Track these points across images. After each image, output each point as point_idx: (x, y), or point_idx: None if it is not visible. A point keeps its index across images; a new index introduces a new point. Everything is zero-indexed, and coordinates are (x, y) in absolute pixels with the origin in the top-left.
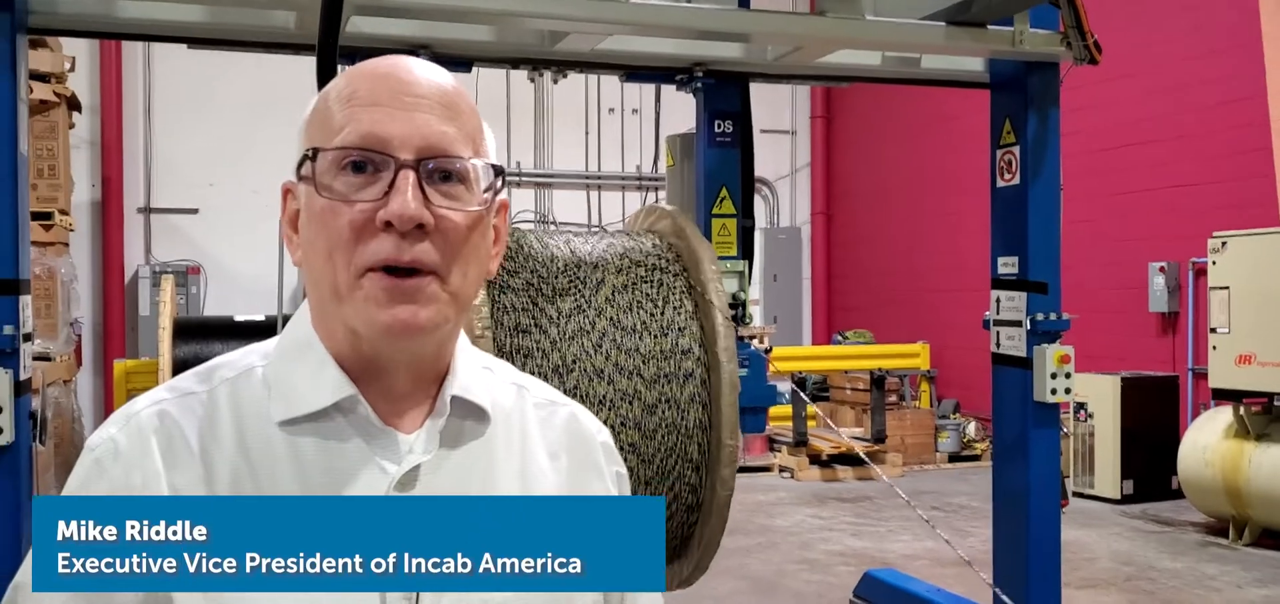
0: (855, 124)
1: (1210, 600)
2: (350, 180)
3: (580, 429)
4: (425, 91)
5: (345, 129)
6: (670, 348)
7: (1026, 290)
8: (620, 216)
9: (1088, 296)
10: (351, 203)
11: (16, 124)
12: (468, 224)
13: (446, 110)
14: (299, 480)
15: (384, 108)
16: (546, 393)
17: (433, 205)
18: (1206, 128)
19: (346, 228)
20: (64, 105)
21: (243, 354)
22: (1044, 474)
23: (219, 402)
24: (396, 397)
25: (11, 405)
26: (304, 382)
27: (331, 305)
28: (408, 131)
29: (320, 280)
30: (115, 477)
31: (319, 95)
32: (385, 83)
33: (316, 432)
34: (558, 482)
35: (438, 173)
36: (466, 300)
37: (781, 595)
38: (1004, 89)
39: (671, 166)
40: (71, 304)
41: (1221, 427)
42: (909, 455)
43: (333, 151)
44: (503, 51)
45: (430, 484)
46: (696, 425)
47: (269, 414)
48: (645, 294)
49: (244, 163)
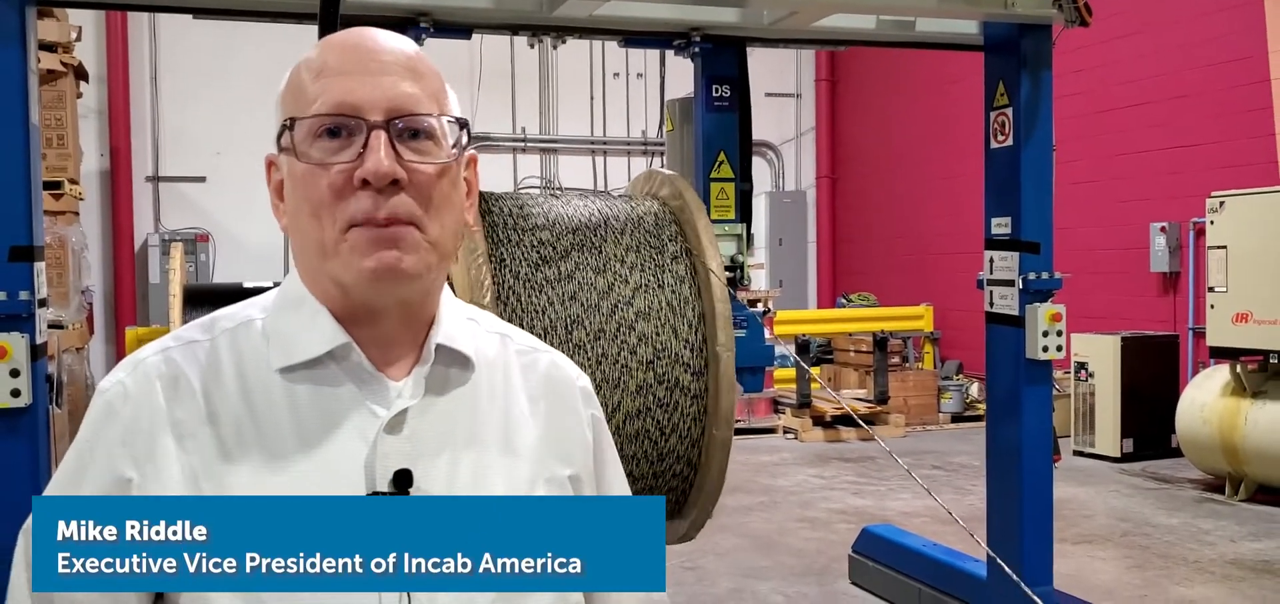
0: (860, 87)
1: (1203, 555)
2: (326, 145)
3: (560, 374)
4: (390, 57)
5: (319, 99)
6: (668, 309)
7: (1019, 250)
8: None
9: (1089, 257)
10: (329, 166)
11: (27, 94)
12: (438, 174)
13: (410, 73)
14: (295, 423)
15: (353, 75)
16: (528, 341)
17: (404, 161)
18: (1208, 87)
19: (327, 190)
20: (71, 75)
21: (242, 307)
22: (1036, 431)
23: (220, 349)
24: (386, 345)
25: (28, 369)
26: (300, 331)
27: (318, 263)
28: (376, 95)
29: (306, 242)
30: (125, 417)
31: (292, 70)
32: (353, 53)
33: (312, 378)
34: (538, 425)
35: (407, 131)
36: (446, 249)
37: (781, 552)
38: (997, 51)
39: (671, 131)
40: (82, 273)
41: (1219, 385)
42: (912, 416)
43: (308, 120)
44: (502, 18)
45: (418, 426)
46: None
47: (268, 362)
48: (644, 257)
49: (251, 131)
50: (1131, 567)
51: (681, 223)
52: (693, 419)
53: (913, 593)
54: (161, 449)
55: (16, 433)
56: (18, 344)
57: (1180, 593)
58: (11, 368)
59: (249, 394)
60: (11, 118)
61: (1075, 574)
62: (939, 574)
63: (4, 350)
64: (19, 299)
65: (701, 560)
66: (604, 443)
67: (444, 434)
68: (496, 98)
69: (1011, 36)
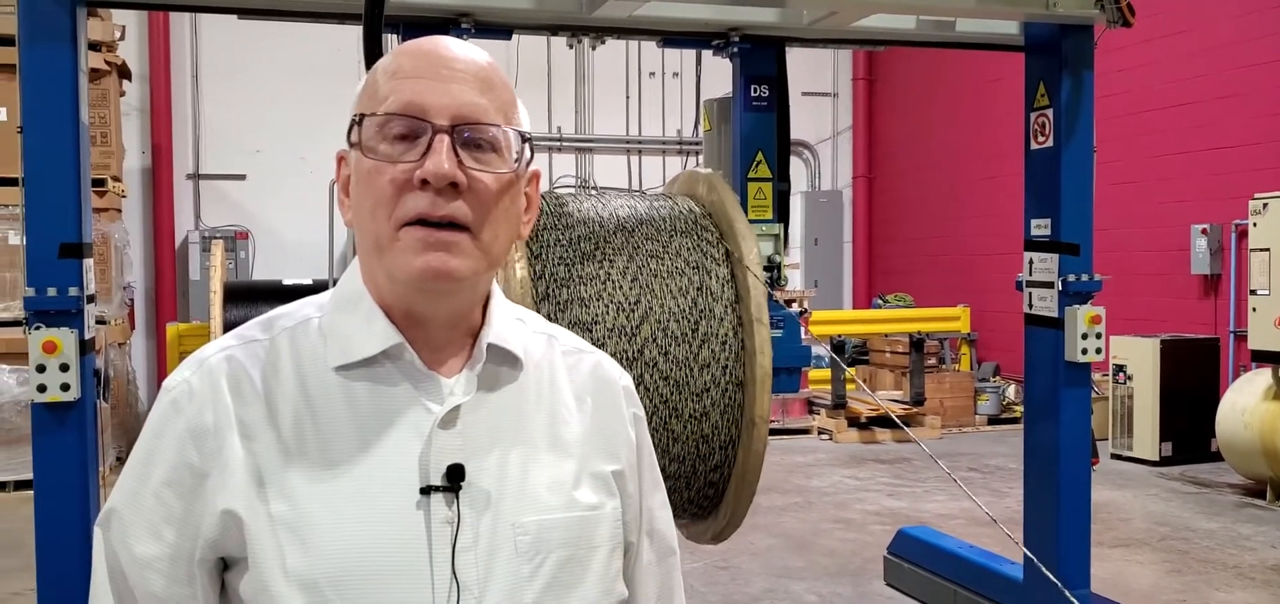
0: (897, 86)
1: (1244, 560)
2: (393, 144)
3: (604, 374)
4: (462, 66)
5: (389, 98)
6: (705, 309)
7: (1058, 252)
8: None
9: (1129, 259)
10: (393, 163)
11: (78, 93)
12: (498, 186)
13: (481, 83)
14: (353, 419)
15: (424, 80)
16: (573, 341)
17: (465, 167)
18: (1251, 88)
19: (388, 185)
20: (115, 74)
21: (299, 306)
22: (1075, 433)
23: (280, 348)
24: (438, 345)
25: (77, 363)
26: (356, 331)
27: (375, 257)
28: (444, 101)
29: (365, 235)
30: (190, 414)
31: (370, 71)
32: (426, 58)
33: (368, 376)
34: (583, 422)
35: (471, 139)
36: (497, 258)
37: (815, 552)
38: (1038, 52)
39: (709, 131)
40: (124, 269)
41: (1260, 388)
42: (948, 418)
43: (377, 117)
44: (542, 18)
45: (469, 423)
46: (730, 385)
47: (325, 360)
48: (682, 257)
49: (290, 129)
50: (1170, 571)
51: (720, 223)
52: (729, 418)
53: (948, 595)
54: (229, 447)
55: (66, 426)
56: (67, 339)
57: (1220, 598)
58: (62, 362)
59: (308, 391)
60: (62, 116)
61: (1113, 578)
62: (975, 576)
63: (54, 345)
64: (68, 295)
65: (735, 560)
66: (645, 441)
67: (494, 430)
68: (533, 97)
69: (1053, 37)
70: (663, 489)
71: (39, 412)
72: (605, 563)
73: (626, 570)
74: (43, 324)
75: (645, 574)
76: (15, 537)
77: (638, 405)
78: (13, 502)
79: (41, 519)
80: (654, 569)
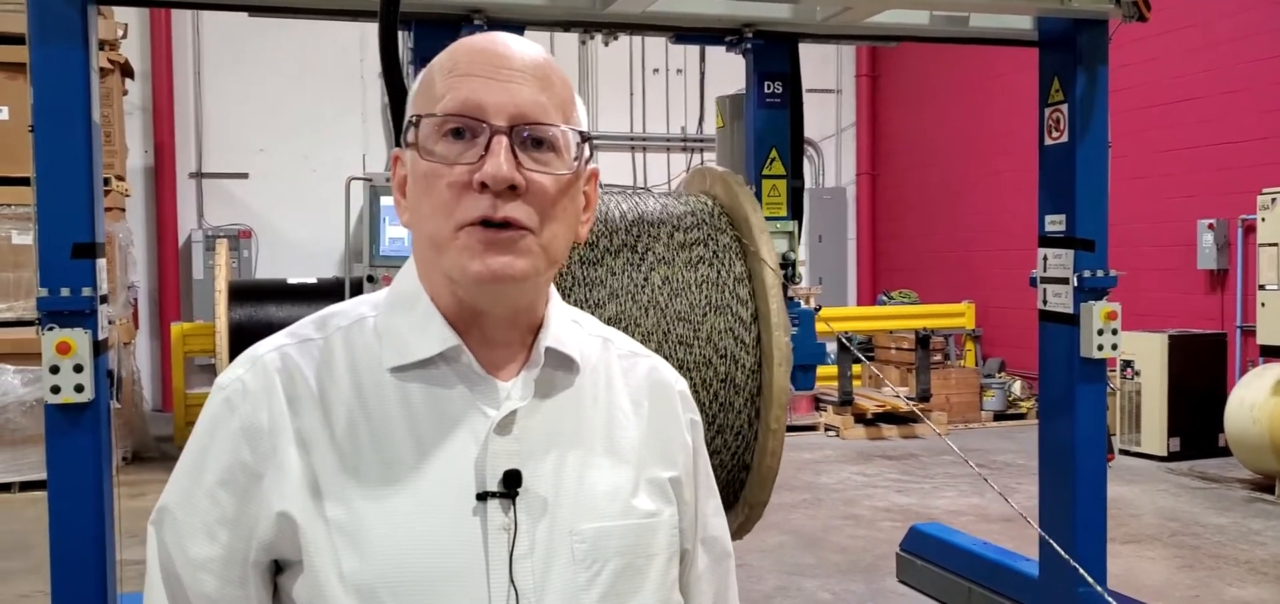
0: (900, 83)
1: (1255, 555)
2: (450, 145)
3: (660, 378)
4: (520, 64)
5: (446, 98)
6: (722, 307)
7: (1074, 248)
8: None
9: (1136, 254)
10: (451, 165)
11: (89, 93)
12: (557, 187)
13: (539, 81)
14: (408, 422)
15: (481, 79)
16: (629, 345)
17: (524, 168)
18: (1257, 83)
19: (446, 188)
20: (117, 72)
21: (354, 305)
22: (1090, 429)
23: (334, 348)
24: (495, 347)
25: (91, 364)
26: (412, 332)
27: (433, 258)
28: (502, 100)
29: (423, 236)
30: (244, 413)
31: (425, 68)
32: (483, 56)
33: (424, 378)
34: (639, 428)
35: (530, 139)
36: (556, 258)
37: (826, 549)
38: (1052, 47)
39: (721, 128)
40: (128, 268)
41: (1269, 383)
42: (954, 414)
43: (434, 118)
44: (554, 14)
45: (526, 427)
46: (747, 382)
47: (380, 361)
48: (697, 255)
49: (293, 127)
50: (1182, 567)
51: (735, 220)
52: (746, 415)
53: (962, 592)
54: (283, 448)
55: (80, 427)
56: (81, 340)
57: (1233, 594)
58: (75, 364)
59: (362, 392)
60: (75, 116)
61: (1125, 574)
62: (990, 573)
63: (68, 346)
64: (82, 295)
65: (747, 557)
66: (700, 447)
67: (550, 435)
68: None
69: (1067, 32)
70: (717, 495)
71: (52, 413)
72: (663, 571)
73: (682, 579)
74: (56, 325)
75: (701, 582)
76: (20, 538)
77: (694, 411)
78: (18, 503)
79: (56, 521)
80: (709, 576)
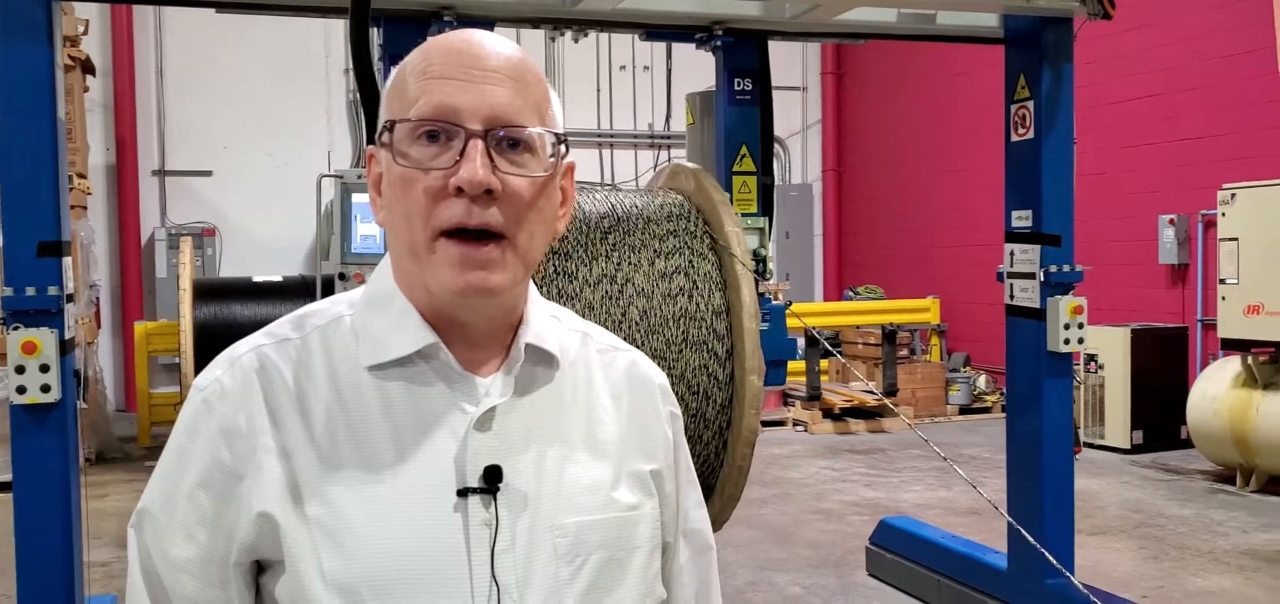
0: (866, 80)
1: (1217, 545)
2: (425, 149)
3: (640, 373)
4: (494, 64)
5: (420, 101)
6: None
7: (1040, 243)
8: (633, 173)
9: (1098, 249)
10: (426, 170)
11: (55, 90)
12: (533, 189)
13: (514, 82)
14: (387, 420)
15: (455, 81)
16: (608, 339)
17: (500, 172)
18: (1216, 80)
19: (422, 193)
20: (79, 69)
21: (330, 303)
22: (1057, 423)
23: (312, 347)
24: (473, 345)
25: (58, 364)
26: (389, 330)
27: (411, 264)
28: (477, 102)
29: (400, 240)
30: (223, 413)
31: (397, 68)
32: (456, 57)
33: (402, 376)
34: (620, 422)
35: (505, 141)
36: (534, 260)
37: (797, 544)
38: (1018, 44)
39: (691, 125)
40: (90, 267)
41: (1230, 376)
42: (920, 408)
43: (409, 123)
44: (524, 11)
45: (506, 423)
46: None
47: (358, 359)
48: (670, 252)
49: (256, 124)
50: (1147, 558)
51: (707, 216)
52: (720, 409)
53: (932, 585)
54: (263, 448)
55: (47, 427)
56: (47, 340)
57: (1197, 584)
58: (42, 363)
59: (340, 391)
60: (40, 113)
61: (1091, 566)
62: (959, 566)
63: (34, 346)
64: (48, 294)
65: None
66: (680, 440)
67: (530, 430)
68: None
69: (1032, 29)
70: (698, 488)
71: (18, 413)
72: (645, 564)
73: (664, 571)
74: (22, 324)
75: (683, 574)
76: None
77: (674, 404)
78: None
79: (21, 522)
80: (691, 568)
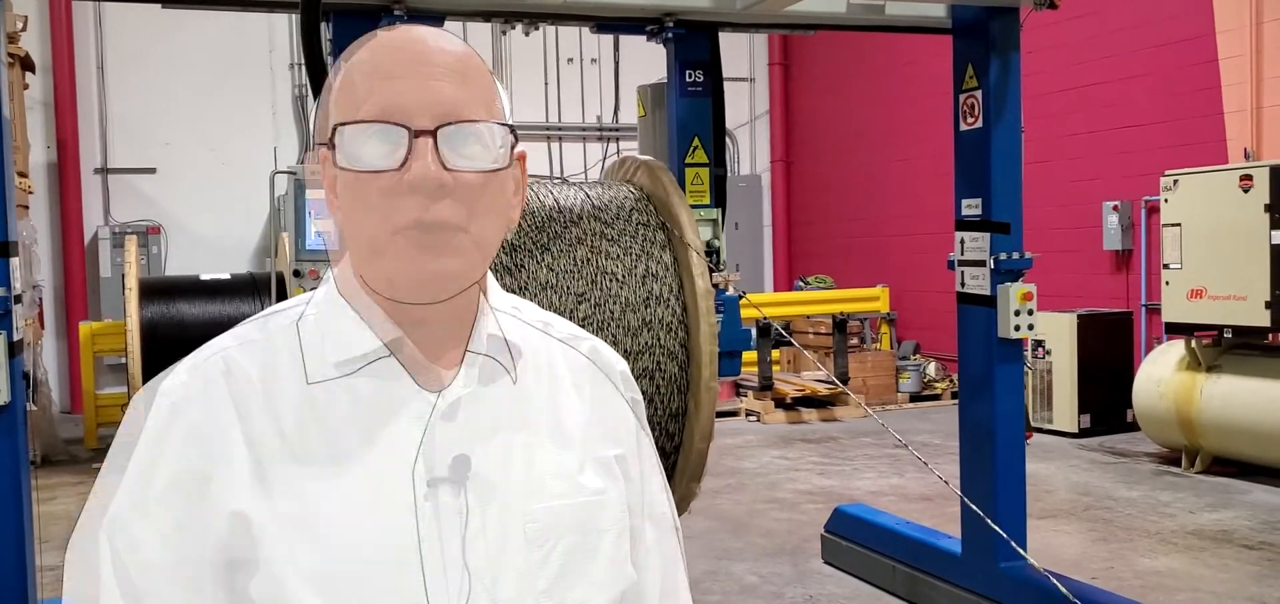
0: (813, 71)
1: (1164, 526)
2: (377, 148)
3: (601, 359)
4: (440, 61)
5: (368, 102)
6: (650, 297)
7: (990, 231)
8: (582, 166)
9: (1043, 236)
10: (379, 171)
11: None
12: (484, 181)
13: (460, 77)
14: (354, 415)
15: (402, 79)
16: (569, 329)
17: (451, 167)
18: (1157, 68)
19: (376, 193)
20: (18, 66)
21: (294, 303)
22: (1009, 408)
23: (277, 346)
24: (436, 339)
25: (6, 366)
26: (353, 327)
27: (370, 261)
28: (426, 100)
29: (359, 240)
30: (191, 416)
31: (344, 67)
32: (403, 55)
33: (367, 372)
34: (583, 409)
35: (455, 136)
36: (490, 250)
37: (752, 533)
38: (966, 35)
39: (643, 117)
40: (33, 267)
41: (1174, 360)
42: (871, 397)
43: (357, 126)
44: (475, 5)
45: (471, 413)
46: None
47: (324, 356)
48: (625, 245)
49: (200, 121)
50: (1096, 540)
51: (661, 208)
52: (676, 397)
53: (887, 571)
54: (232, 448)
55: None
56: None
57: (1145, 564)
58: None
59: (308, 389)
60: None
61: (1042, 549)
62: (914, 551)
63: None
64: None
65: None
66: (644, 425)
67: (496, 420)
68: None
69: (980, 20)
70: (661, 471)
71: None
72: (613, 547)
73: (632, 555)
74: None
75: (650, 556)
76: None
77: (635, 390)
78: None
79: None
80: (657, 550)
